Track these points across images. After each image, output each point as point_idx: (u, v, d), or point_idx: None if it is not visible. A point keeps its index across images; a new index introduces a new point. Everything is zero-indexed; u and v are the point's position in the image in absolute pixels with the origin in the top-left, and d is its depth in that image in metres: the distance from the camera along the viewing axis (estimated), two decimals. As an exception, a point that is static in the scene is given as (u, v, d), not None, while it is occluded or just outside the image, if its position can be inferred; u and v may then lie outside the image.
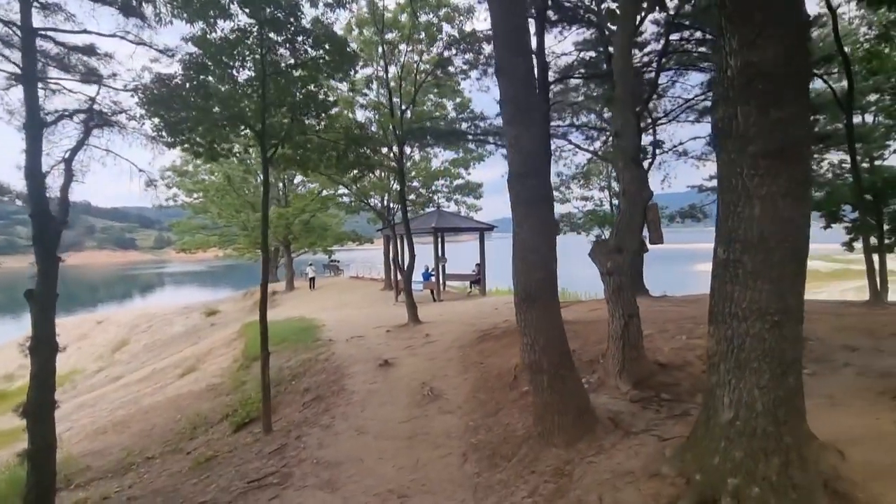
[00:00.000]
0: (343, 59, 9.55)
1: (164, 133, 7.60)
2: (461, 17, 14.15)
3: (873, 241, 12.38)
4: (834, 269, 35.40)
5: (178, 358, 18.67)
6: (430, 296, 18.55)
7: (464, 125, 14.42)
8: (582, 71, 12.80)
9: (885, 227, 13.04)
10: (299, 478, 4.80)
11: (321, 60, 9.21)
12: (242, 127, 8.34)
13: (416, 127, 13.00)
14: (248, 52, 7.94)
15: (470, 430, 5.23)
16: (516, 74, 4.05)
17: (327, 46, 9.07)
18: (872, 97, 13.72)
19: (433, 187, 21.66)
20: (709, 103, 12.97)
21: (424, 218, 18.92)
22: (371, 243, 28.02)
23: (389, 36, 14.69)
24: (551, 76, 13.14)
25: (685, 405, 4.26)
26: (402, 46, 14.38)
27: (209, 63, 7.89)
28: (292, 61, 8.90)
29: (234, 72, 8.37)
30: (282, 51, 8.84)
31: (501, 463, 4.15)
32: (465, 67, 14.57)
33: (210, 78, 8.06)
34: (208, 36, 7.57)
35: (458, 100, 19.20)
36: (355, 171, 11.39)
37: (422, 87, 15.91)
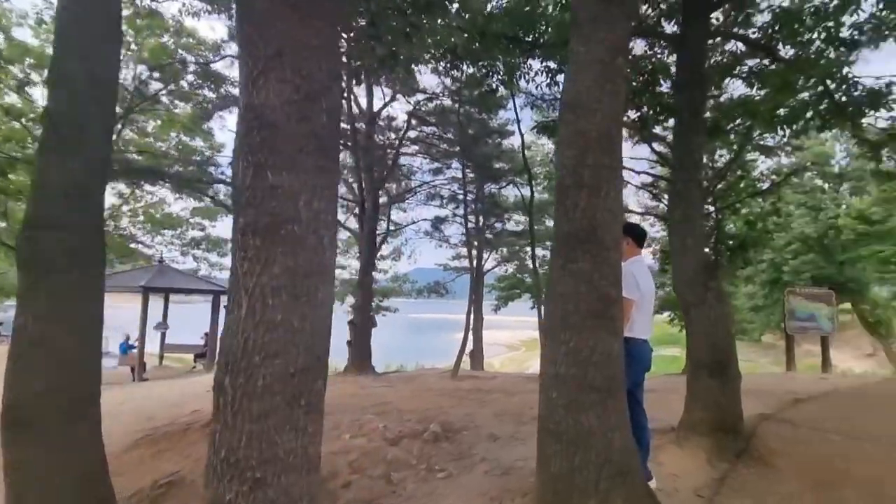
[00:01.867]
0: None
1: None
2: (206, 52, 12.77)
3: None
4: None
5: None
6: (129, 373, 14.37)
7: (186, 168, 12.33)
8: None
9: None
10: None
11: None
12: None
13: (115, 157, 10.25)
14: None
15: None
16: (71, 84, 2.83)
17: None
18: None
19: (162, 237, 17.82)
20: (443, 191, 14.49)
21: (133, 273, 15.06)
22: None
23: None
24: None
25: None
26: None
27: None
28: None
29: None
30: None
31: None
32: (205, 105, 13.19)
33: None
34: None
35: (208, 142, 16.85)
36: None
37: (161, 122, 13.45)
